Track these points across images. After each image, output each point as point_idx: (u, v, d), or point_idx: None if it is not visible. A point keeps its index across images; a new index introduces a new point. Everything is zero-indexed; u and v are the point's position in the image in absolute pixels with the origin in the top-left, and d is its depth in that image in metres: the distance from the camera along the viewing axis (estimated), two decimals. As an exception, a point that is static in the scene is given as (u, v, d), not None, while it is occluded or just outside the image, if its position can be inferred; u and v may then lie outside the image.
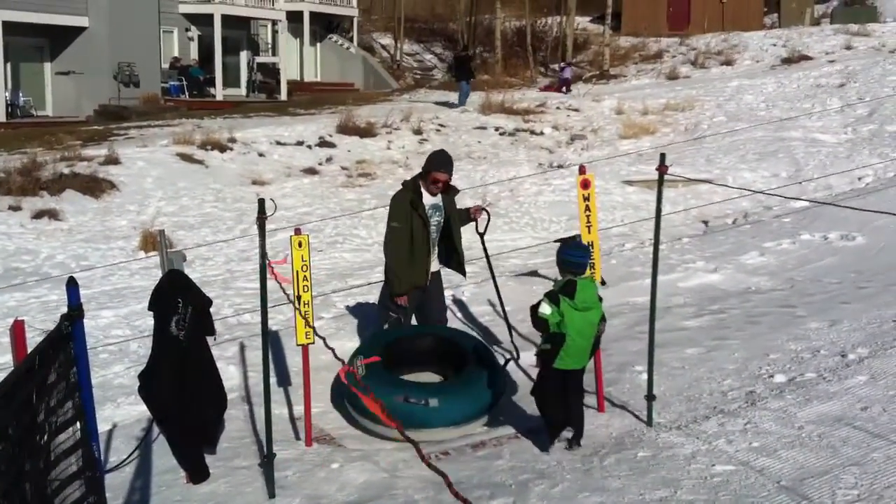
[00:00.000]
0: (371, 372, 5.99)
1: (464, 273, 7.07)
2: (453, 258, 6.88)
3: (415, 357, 6.59)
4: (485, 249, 7.23)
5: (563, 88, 29.24)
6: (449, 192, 6.76)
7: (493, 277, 7.42)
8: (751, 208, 14.21)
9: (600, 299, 5.48)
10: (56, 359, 3.07)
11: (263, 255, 5.05)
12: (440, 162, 6.64)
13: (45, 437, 2.92)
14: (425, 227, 6.57)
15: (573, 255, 5.50)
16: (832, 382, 5.82)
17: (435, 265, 6.83)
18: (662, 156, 5.66)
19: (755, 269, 9.67)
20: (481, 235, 7.04)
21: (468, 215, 6.92)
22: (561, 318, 5.27)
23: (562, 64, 31.10)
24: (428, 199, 6.63)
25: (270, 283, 5.20)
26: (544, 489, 4.85)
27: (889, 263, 9.18)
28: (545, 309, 5.31)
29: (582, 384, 5.58)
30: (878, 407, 5.29)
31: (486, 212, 7.00)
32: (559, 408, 5.46)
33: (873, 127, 19.66)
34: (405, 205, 6.56)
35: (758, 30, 37.82)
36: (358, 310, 9.09)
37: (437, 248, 6.80)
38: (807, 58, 30.31)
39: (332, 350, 4.28)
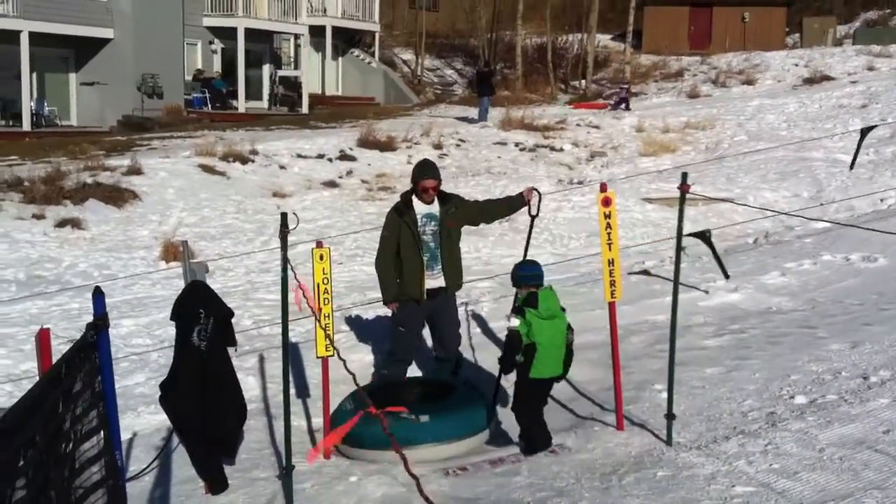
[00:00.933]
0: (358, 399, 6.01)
1: (455, 286, 6.82)
2: (448, 272, 6.71)
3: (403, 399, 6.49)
4: (530, 232, 6.86)
5: (623, 105, 29.25)
6: (447, 202, 6.72)
7: (526, 251, 6.96)
8: (772, 228, 14.16)
9: (563, 310, 5.82)
10: (82, 368, 3.10)
11: (285, 268, 5.07)
12: (423, 170, 6.68)
13: (71, 446, 2.94)
14: (413, 235, 6.57)
15: (527, 270, 5.95)
16: (854, 405, 5.78)
17: (439, 281, 6.70)
18: (684, 174, 5.65)
19: (776, 290, 9.62)
20: (533, 218, 6.75)
21: (520, 200, 6.74)
22: (529, 327, 5.61)
23: (623, 85, 31.13)
24: (422, 208, 6.64)
25: (291, 296, 5.21)
26: (562, 507, 4.84)
27: (912, 286, 9.11)
28: (514, 322, 5.64)
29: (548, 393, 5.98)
30: (900, 430, 5.24)
31: (538, 192, 6.72)
32: (540, 421, 5.83)
33: (895, 149, 19.56)
34: (393, 214, 6.70)
35: (779, 49, 37.75)
36: (377, 323, 9.10)
37: (439, 262, 6.67)
38: (829, 78, 30.24)
39: (344, 361, 4.34)
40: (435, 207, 6.67)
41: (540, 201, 6.71)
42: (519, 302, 5.84)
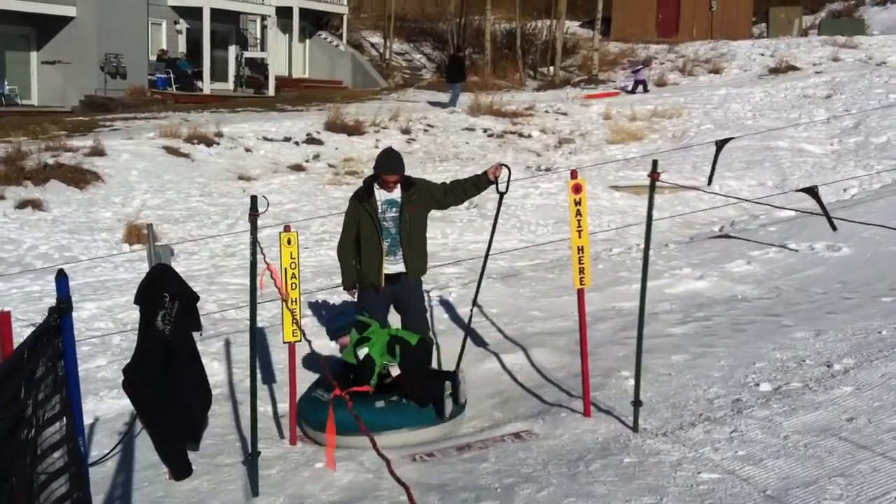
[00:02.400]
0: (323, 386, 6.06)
1: (416, 272, 6.71)
2: (409, 258, 6.61)
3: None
4: (498, 210, 6.65)
5: (641, 88, 29.02)
6: (411, 188, 6.63)
7: (490, 240, 6.88)
8: (737, 216, 14.27)
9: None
10: (44, 352, 3.02)
11: (255, 251, 5.00)
12: (385, 163, 6.58)
13: (33, 432, 2.87)
14: (373, 221, 6.52)
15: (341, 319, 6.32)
16: (818, 392, 5.83)
17: (398, 267, 6.62)
18: (654, 162, 5.65)
19: (741, 278, 9.70)
20: (502, 195, 6.55)
21: (486, 178, 6.58)
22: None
23: (638, 66, 30.62)
24: (384, 194, 6.59)
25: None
26: (530, 493, 4.84)
27: (875, 275, 9.22)
28: (363, 350, 6.06)
29: None
30: (863, 418, 5.30)
31: (506, 167, 6.49)
32: None
33: (859, 139, 19.78)
34: (354, 200, 6.67)
35: (746, 39, 37.99)
36: (343, 307, 9.05)
37: (399, 248, 6.60)
38: (794, 68, 30.48)
39: (309, 342, 4.37)
40: (397, 194, 6.61)
41: (510, 177, 6.46)
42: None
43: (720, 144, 5.54)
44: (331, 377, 5.25)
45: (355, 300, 6.82)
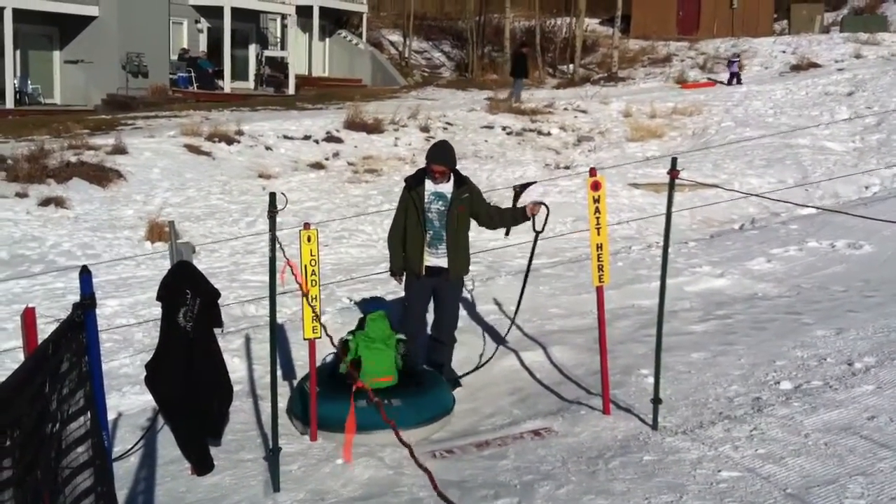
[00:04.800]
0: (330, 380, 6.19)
1: (458, 270, 6.73)
2: (452, 255, 6.65)
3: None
4: (533, 249, 6.86)
5: (734, 81, 28.97)
6: (461, 185, 6.67)
7: (526, 278, 7.13)
8: (757, 214, 14.21)
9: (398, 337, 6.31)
10: (69, 347, 3.06)
11: (274, 248, 5.04)
12: (434, 153, 6.64)
13: (57, 426, 2.91)
14: (417, 211, 6.58)
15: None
16: (839, 391, 5.81)
17: (441, 261, 6.67)
18: (674, 160, 5.64)
19: (762, 275, 9.66)
20: (538, 233, 6.69)
21: (523, 213, 6.64)
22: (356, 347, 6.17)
23: (734, 59, 30.52)
24: (432, 186, 6.64)
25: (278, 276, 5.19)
26: (549, 490, 4.85)
27: (896, 273, 9.16)
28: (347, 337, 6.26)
29: None
30: (884, 417, 5.28)
31: (545, 206, 6.61)
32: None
33: (881, 136, 19.64)
34: (404, 188, 6.74)
35: (767, 36, 37.75)
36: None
37: (443, 242, 6.65)
38: (816, 65, 30.28)
39: (331, 338, 4.47)
40: (446, 188, 6.64)
41: (547, 216, 6.59)
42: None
43: (518, 190, 5.34)
44: (352, 369, 5.30)
45: (401, 285, 6.92)
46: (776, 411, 5.57)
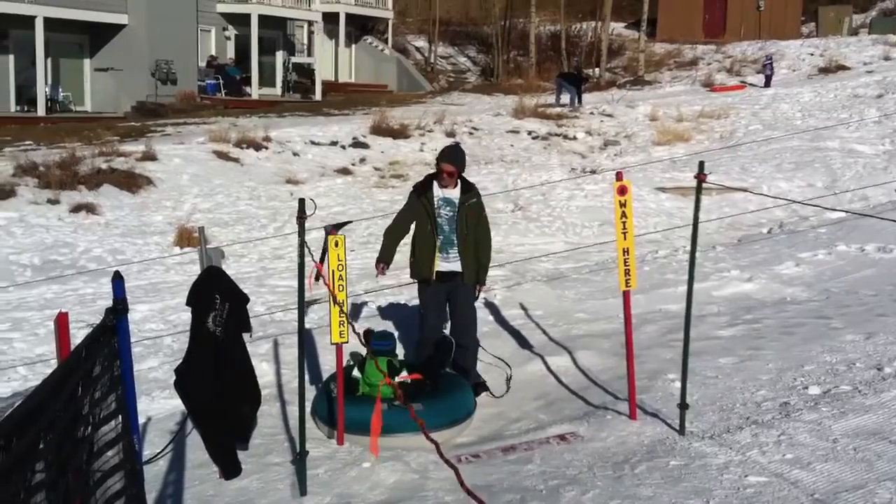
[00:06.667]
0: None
1: (472, 274, 6.77)
2: (464, 259, 6.70)
3: None
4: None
5: (766, 82, 28.96)
6: (468, 191, 6.71)
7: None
8: (786, 218, 14.11)
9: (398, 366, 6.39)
10: (101, 351, 3.11)
11: (302, 253, 5.08)
12: (445, 154, 6.76)
13: (90, 429, 2.96)
14: (429, 215, 6.62)
15: (378, 343, 6.41)
16: (868, 396, 5.76)
17: (453, 266, 6.70)
18: (701, 164, 5.63)
19: (790, 280, 9.59)
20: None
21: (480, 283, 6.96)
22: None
23: (766, 60, 30.40)
24: (441, 191, 6.68)
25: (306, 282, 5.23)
26: (575, 495, 4.85)
27: (927, 277, 9.06)
28: (356, 373, 6.36)
29: None
30: (914, 422, 5.23)
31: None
32: None
33: (912, 138, 19.43)
34: (412, 192, 6.81)
35: (795, 38, 37.49)
36: (388, 310, 9.13)
37: (454, 247, 6.69)
38: (844, 68, 30.03)
39: (359, 336, 4.45)
40: (453, 193, 6.68)
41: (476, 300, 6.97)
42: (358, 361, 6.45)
43: (328, 231, 5.18)
44: (379, 367, 5.34)
45: (380, 276, 6.99)
46: (804, 416, 5.54)
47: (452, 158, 6.70)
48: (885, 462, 4.78)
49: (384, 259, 6.81)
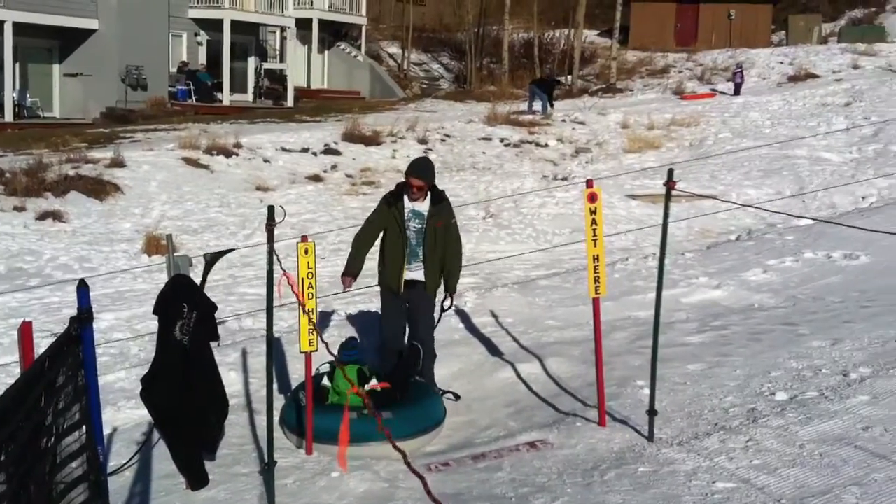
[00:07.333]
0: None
1: (434, 284, 6.79)
2: (428, 268, 6.70)
3: None
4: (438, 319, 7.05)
5: (738, 91, 29.08)
6: (438, 203, 6.71)
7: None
8: (754, 225, 14.24)
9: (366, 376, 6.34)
10: (65, 361, 3.08)
11: (271, 261, 5.06)
12: (413, 168, 6.72)
13: (53, 440, 2.92)
14: (399, 227, 6.61)
15: (347, 354, 6.40)
16: (834, 401, 5.82)
17: (417, 274, 6.71)
18: (670, 171, 5.67)
19: (758, 286, 9.67)
20: (443, 311, 6.97)
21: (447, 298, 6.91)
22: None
23: (736, 69, 30.49)
24: (412, 204, 6.67)
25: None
26: (545, 502, 4.85)
27: (893, 283, 9.17)
28: (326, 382, 6.33)
29: None
30: (879, 427, 5.29)
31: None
32: None
33: (878, 146, 19.69)
34: (383, 202, 6.77)
35: (765, 47, 37.90)
36: (359, 318, 9.10)
37: (419, 258, 6.69)
38: (813, 76, 30.39)
39: (326, 345, 4.47)
40: (423, 206, 6.68)
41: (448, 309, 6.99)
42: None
43: (210, 260, 4.96)
44: (348, 378, 5.31)
45: (347, 289, 6.90)
46: (771, 422, 5.58)
47: (421, 172, 6.66)
48: (851, 467, 4.82)
49: (351, 272, 6.77)
